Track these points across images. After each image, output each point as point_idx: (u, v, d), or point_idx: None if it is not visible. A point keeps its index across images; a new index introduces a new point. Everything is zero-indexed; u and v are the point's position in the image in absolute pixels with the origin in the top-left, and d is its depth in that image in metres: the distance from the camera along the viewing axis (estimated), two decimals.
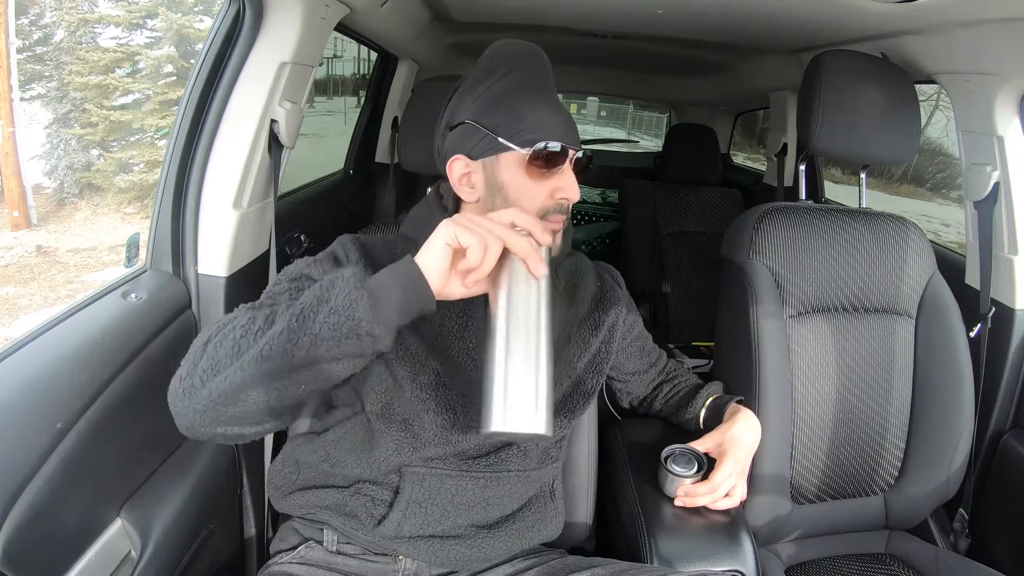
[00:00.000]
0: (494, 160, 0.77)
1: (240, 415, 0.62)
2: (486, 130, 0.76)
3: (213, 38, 0.97)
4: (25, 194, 7.51)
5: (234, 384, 0.59)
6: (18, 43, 7.62)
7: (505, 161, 0.77)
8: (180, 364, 0.64)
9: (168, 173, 0.97)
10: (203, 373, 0.61)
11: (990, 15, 0.99)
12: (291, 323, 0.58)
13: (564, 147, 0.76)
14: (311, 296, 0.59)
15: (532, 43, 0.82)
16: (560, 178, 0.77)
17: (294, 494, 0.88)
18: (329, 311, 0.57)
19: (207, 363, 0.61)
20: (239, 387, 0.59)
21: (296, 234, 1.34)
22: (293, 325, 0.58)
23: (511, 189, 0.77)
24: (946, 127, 6.99)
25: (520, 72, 0.79)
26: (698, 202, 2.30)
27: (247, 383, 0.59)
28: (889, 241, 1.14)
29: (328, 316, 0.57)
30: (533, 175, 0.76)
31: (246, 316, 0.63)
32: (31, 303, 6.29)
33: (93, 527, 0.76)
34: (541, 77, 0.80)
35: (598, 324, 0.91)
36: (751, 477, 1.04)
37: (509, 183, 0.77)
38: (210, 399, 0.61)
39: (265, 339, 0.58)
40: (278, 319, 0.60)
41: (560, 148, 0.75)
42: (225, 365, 0.60)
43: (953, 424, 1.10)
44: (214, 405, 0.61)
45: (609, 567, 0.82)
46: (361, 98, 2.20)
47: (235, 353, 0.60)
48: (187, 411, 0.62)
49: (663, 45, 1.92)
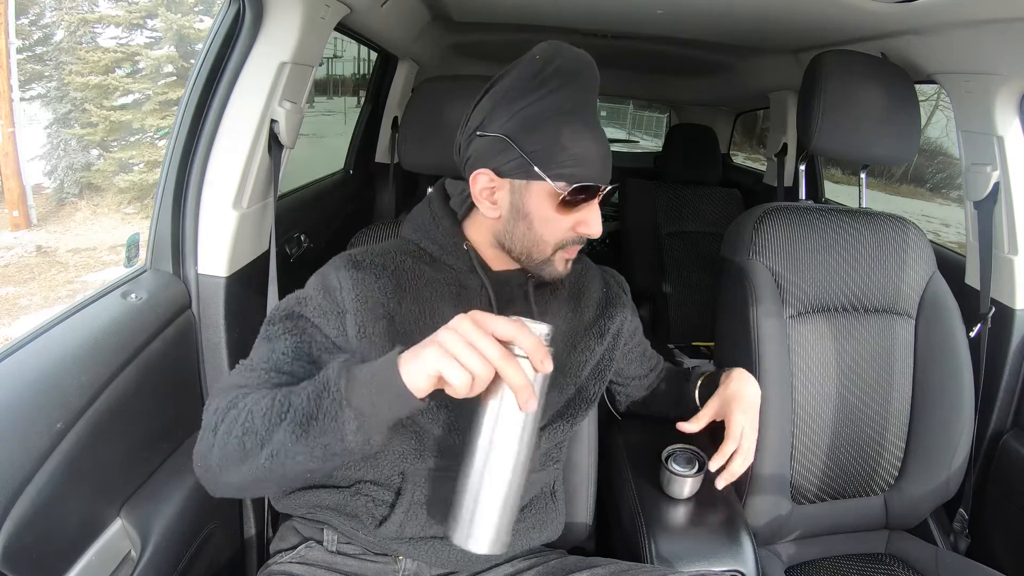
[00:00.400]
0: (524, 185, 0.74)
1: (262, 491, 0.76)
2: (522, 153, 0.72)
3: (213, 38, 0.97)
4: (25, 194, 7.51)
5: (246, 480, 0.64)
6: (18, 43, 7.62)
7: (536, 189, 0.74)
8: (200, 436, 0.67)
9: (168, 173, 0.97)
10: (218, 465, 0.65)
11: (990, 15, 0.99)
12: (286, 443, 0.60)
13: (595, 186, 0.73)
14: (301, 411, 0.60)
15: (586, 53, 0.76)
16: (586, 212, 0.75)
17: (294, 493, 0.88)
18: (320, 431, 0.59)
19: (219, 457, 0.64)
20: (253, 481, 0.65)
21: (296, 234, 1.34)
22: (288, 444, 0.60)
23: (536, 219, 0.75)
24: (946, 127, 6.99)
25: (570, 91, 0.73)
26: (698, 202, 2.30)
27: (259, 479, 0.64)
28: (889, 241, 1.14)
29: (319, 436, 0.59)
30: (562, 210, 0.74)
31: (246, 409, 0.64)
32: (31, 303, 6.29)
33: (93, 527, 0.76)
34: (589, 96, 0.75)
35: (603, 331, 0.89)
36: (751, 477, 1.04)
37: (535, 213, 0.75)
38: (229, 486, 0.67)
39: (265, 454, 0.61)
40: (276, 431, 0.61)
41: (594, 184, 0.73)
42: (235, 463, 0.63)
43: (953, 424, 1.10)
44: (235, 490, 0.68)
45: (609, 567, 0.82)
46: (361, 98, 2.20)
47: (242, 457, 0.63)
48: (213, 486, 0.68)
49: (663, 45, 1.92)
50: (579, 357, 0.87)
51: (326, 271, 0.77)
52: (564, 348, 0.86)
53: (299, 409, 0.60)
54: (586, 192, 0.73)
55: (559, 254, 0.78)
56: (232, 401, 0.66)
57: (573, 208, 0.74)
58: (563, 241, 0.77)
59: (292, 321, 0.74)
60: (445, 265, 0.81)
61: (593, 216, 0.76)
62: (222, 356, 1.00)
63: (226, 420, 0.65)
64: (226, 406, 0.66)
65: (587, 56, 0.76)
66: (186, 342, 0.97)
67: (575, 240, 0.77)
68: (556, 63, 0.73)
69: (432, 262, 0.81)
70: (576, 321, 0.88)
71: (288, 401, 0.61)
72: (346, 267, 0.77)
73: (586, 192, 0.73)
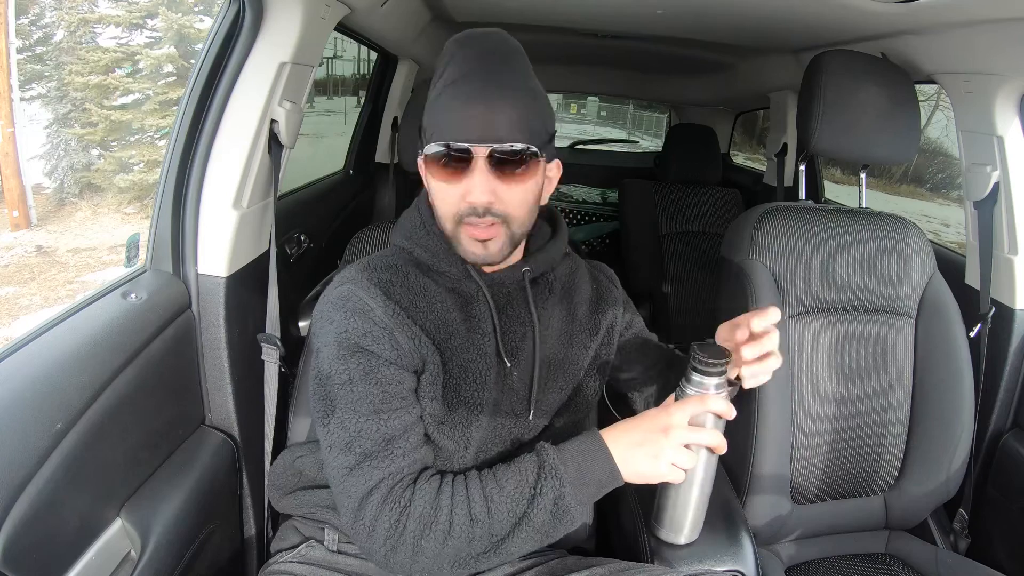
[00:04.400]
0: (423, 161, 0.77)
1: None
2: (420, 132, 0.77)
3: (213, 38, 0.97)
4: (25, 194, 7.50)
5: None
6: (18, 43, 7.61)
7: (426, 163, 0.75)
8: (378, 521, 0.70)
9: (168, 173, 0.97)
10: (427, 565, 0.70)
11: (990, 15, 0.99)
12: (515, 546, 0.71)
13: (460, 146, 0.70)
14: (539, 528, 0.71)
15: (490, 30, 0.77)
16: (468, 179, 0.72)
17: (295, 493, 0.88)
18: (553, 535, 0.72)
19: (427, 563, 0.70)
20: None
21: (296, 234, 1.34)
22: (516, 545, 0.71)
23: (433, 192, 0.77)
24: (946, 127, 6.99)
25: (453, 65, 0.73)
26: (698, 202, 2.30)
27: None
28: (889, 241, 1.14)
29: (549, 538, 0.72)
30: (441, 176, 0.73)
31: (460, 537, 0.69)
32: (31, 303, 6.29)
33: (93, 527, 0.76)
34: (477, 64, 0.73)
35: (596, 327, 0.90)
36: (751, 477, 1.04)
37: (430, 186, 0.77)
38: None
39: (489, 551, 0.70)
40: (509, 542, 0.70)
41: (448, 147, 0.71)
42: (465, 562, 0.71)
43: (953, 424, 1.10)
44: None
45: (608, 566, 0.82)
46: (361, 98, 2.20)
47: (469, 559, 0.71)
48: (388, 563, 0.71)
49: (663, 45, 1.92)
50: (575, 355, 0.87)
51: (350, 294, 0.76)
52: (560, 347, 0.86)
53: (537, 527, 0.70)
54: (451, 156, 0.71)
55: (463, 230, 0.75)
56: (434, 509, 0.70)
57: (452, 175, 0.73)
58: (457, 213, 0.74)
59: (361, 357, 0.73)
60: (439, 273, 0.81)
61: (473, 182, 0.71)
62: (222, 356, 1.00)
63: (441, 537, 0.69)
64: (428, 522, 0.69)
65: (488, 32, 0.76)
66: (186, 342, 0.97)
67: (468, 211, 0.73)
68: (449, 47, 0.76)
69: (427, 271, 0.81)
70: (570, 319, 0.88)
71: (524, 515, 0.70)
72: (369, 280, 0.76)
73: (451, 156, 0.71)
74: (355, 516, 0.70)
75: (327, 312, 0.76)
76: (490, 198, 0.72)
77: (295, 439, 1.04)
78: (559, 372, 0.86)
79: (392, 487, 0.70)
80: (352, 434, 0.71)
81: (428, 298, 0.78)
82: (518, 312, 0.82)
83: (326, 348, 0.75)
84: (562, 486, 0.69)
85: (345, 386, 0.72)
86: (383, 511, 0.68)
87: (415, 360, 0.75)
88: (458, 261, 0.79)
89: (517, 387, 0.82)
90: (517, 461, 0.73)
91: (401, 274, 0.79)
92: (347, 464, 0.71)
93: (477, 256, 0.76)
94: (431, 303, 0.78)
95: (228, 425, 1.03)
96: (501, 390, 0.81)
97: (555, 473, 0.70)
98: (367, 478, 0.70)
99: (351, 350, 0.73)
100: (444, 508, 0.69)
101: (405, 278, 0.78)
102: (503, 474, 0.72)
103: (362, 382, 0.72)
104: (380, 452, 0.71)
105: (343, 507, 0.72)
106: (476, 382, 0.78)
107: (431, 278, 0.80)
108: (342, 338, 0.73)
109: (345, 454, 0.71)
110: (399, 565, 0.70)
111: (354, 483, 0.70)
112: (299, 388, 1.05)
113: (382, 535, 0.68)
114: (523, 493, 0.69)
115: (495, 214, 0.73)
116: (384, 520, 0.68)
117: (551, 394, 0.85)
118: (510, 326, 0.81)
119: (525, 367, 0.82)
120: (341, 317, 0.74)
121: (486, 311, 0.80)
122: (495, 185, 0.72)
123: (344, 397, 0.72)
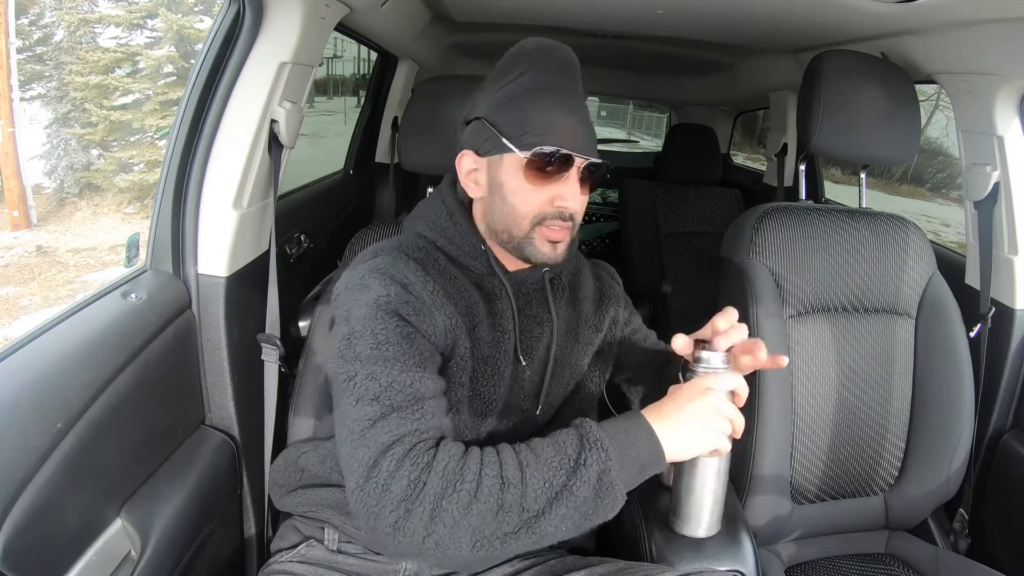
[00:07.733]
0: (499, 160, 0.76)
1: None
2: (493, 128, 0.76)
3: (213, 38, 0.97)
4: (25, 194, 7.50)
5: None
6: (18, 43, 7.61)
7: (507, 162, 0.76)
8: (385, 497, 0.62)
9: (168, 173, 0.97)
10: (443, 537, 0.61)
11: (990, 15, 0.99)
12: (552, 526, 0.62)
13: (566, 154, 0.73)
14: (581, 509, 0.63)
15: (561, 43, 0.79)
16: (561, 185, 0.75)
17: (295, 492, 0.88)
18: (594, 517, 0.64)
19: (457, 533, 0.61)
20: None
21: (296, 234, 1.34)
22: (555, 525, 0.62)
23: (508, 190, 0.76)
24: (946, 127, 6.99)
25: (537, 71, 0.76)
26: (698, 202, 2.30)
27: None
28: (889, 241, 1.14)
29: (590, 520, 0.64)
30: (531, 179, 0.75)
31: (494, 494, 0.62)
32: (31, 303, 6.29)
33: (93, 527, 0.76)
34: (561, 77, 0.77)
35: (599, 323, 0.91)
36: (751, 477, 1.04)
37: (508, 184, 0.76)
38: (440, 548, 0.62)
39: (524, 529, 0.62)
40: (546, 519, 0.62)
41: (559, 153, 0.73)
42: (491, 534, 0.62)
43: (953, 424, 1.10)
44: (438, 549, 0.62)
45: (608, 566, 0.82)
46: (361, 98, 2.20)
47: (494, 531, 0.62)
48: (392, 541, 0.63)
49: (663, 45, 1.92)
50: (580, 351, 0.89)
51: (383, 266, 0.74)
52: (567, 344, 0.87)
53: (578, 503, 0.62)
54: (555, 162, 0.73)
55: (539, 231, 0.76)
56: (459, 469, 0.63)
57: (546, 179, 0.74)
58: (540, 215, 0.75)
59: (402, 326, 0.70)
60: (463, 266, 0.81)
61: (569, 189, 0.75)
62: (222, 356, 1.00)
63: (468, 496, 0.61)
64: (457, 479, 0.62)
65: (561, 45, 0.79)
66: (186, 342, 0.97)
67: (554, 215, 0.75)
68: (527, 48, 0.79)
69: (451, 261, 0.81)
70: (576, 316, 0.89)
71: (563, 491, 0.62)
72: (400, 258, 0.75)
73: (555, 162, 0.73)
74: (367, 475, 0.62)
75: (363, 278, 0.73)
76: (579, 206, 0.77)
77: (295, 439, 1.03)
78: (565, 368, 0.87)
79: (415, 443, 0.64)
80: (383, 385, 0.66)
81: (458, 285, 0.79)
82: (536, 312, 0.84)
83: (359, 309, 0.71)
84: (608, 459, 0.63)
85: (380, 345, 0.68)
86: (402, 467, 0.61)
87: (447, 341, 0.75)
88: (483, 257, 0.81)
89: (528, 385, 0.84)
90: (553, 435, 0.66)
91: (432, 258, 0.79)
92: (371, 416, 0.64)
93: (547, 256, 0.78)
94: (460, 291, 0.78)
95: (228, 425, 1.03)
96: (512, 387, 0.82)
97: (600, 445, 0.63)
98: (391, 430, 0.64)
99: (389, 313, 0.70)
100: (472, 467, 0.62)
101: (435, 262, 0.79)
102: (538, 444, 0.65)
103: (397, 344, 0.69)
104: (409, 406, 0.66)
105: (353, 468, 0.63)
106: (493, 377, 0.80)
107: (457, 269, 0.81)
108: (381, 301, 0.71)
109: (371, 404, 0.65)
110: (408, 537, 0.61)
111: (375, 435, 0.63)
112: (299, 388, 1.05)
113: (396, 496, 0.60)
114: (563, 463, 0.63)
115: (572, 219, 0.78)
116: (401, 477, 0.61)
117: (557, 390, 0.87)
118: (528, 326, 0.83)
119: (538, 366, 0.84)
120: (379, 284, 0.72)
121: (507, 309, 0.81)
122: (578, 193, 0.77)
123: (376, 355, 0.68)
